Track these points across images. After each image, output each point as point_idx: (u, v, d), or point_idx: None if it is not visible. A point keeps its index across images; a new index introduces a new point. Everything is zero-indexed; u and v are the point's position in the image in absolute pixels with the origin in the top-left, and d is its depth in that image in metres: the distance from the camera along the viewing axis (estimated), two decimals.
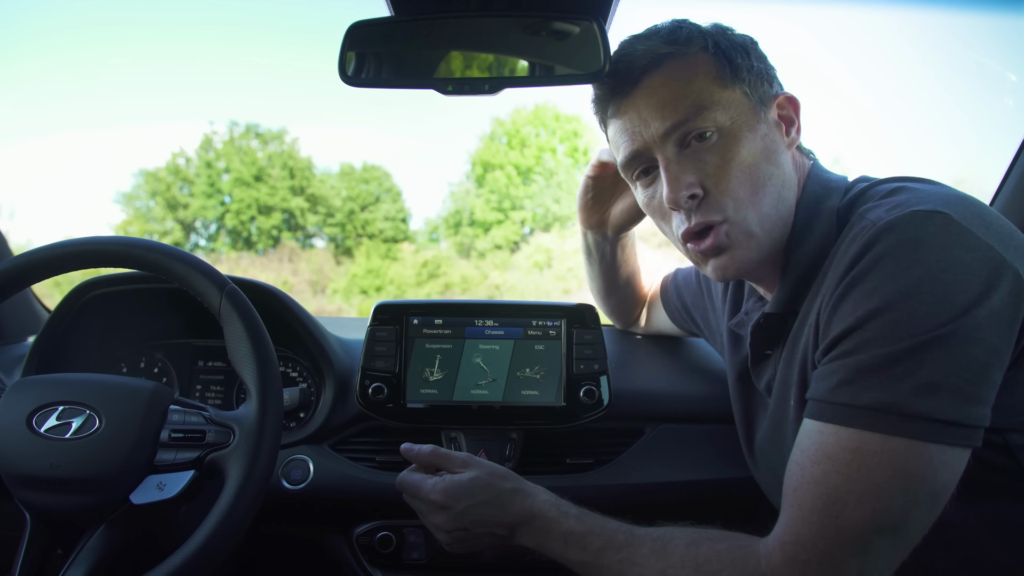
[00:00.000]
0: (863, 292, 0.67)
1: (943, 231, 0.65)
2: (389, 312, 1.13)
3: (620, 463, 1.13)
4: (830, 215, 0.79)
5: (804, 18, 39.35)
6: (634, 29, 0.86)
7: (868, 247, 0.68)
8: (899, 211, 0.68)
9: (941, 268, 0.64)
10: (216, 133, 24.06)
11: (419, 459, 0.94)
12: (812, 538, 0.66)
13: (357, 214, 23.87)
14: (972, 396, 0.63)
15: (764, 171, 0.79)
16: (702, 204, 0.80)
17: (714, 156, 0.79)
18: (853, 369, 0.66)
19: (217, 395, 1.26)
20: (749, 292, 0.95)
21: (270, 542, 1.19)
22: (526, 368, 1.09)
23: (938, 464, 0.64)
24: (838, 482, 0.65)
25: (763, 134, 0.80)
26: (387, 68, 0.91)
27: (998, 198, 1.36)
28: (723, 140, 0.79)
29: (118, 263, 0.88)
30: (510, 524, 0.85)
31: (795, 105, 0.84)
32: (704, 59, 0.81)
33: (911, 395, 0.63)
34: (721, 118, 0.79)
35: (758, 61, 0.83)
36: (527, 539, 0.85)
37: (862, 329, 0.66)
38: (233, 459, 0.80)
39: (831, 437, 0.67)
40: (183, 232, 23.53)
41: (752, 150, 0.79)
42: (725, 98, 0.79)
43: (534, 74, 0.91)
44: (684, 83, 0.79)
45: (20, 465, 0.79)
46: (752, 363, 0.90)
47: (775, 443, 0.85)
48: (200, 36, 42.02)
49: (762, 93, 0.82)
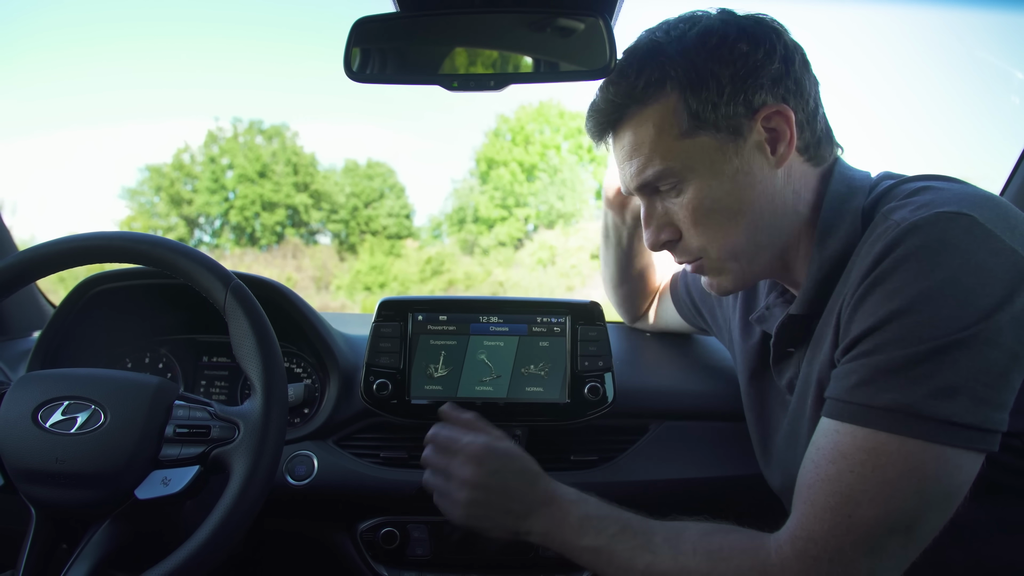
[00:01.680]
0: (885, 293, 0.67)
1: (968, 234, 0.65)
2: (394, 308, 1.13)
3: (624, 460, 1.13)
4: (855, 215, 0.78)
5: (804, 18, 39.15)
6: (639, 26, 0.85)
7: (892, 248, 0.67)
8: (924, 212, 0.68)
9: (964, 271, 0.64)
10: (221, 129, 24.11)
11: (459, 421, 0.97)
12: (824, 535, 0.66)
13: (361, 210, 23.88)
14: (990, 400, 0.63)
15: (734, 208, 0.80)
16: (678, 246, 0.86)
17: (680, 207, 0.82)
18: (872, 369, 0.66)
19: (222, 391, 1.26)
20: (771, 287, 0.94)
21: (274, 538, 1.19)
22: (530, 365, 1.09)
23: (953, 467, 0.64)
24: (852, 481, 0.65)
25: (735, 169, 0.79)
26: (392, 64, 0.91)
27: (1004, 196, 1.35)
28: (688, 189, 0.81)
29: (123, 259, 0.88)
30: (531, 502, 0.86)
31: (786, 116, 0.79)
32: (663, 108, 0.79)
33: (929, 398, 0.63)
34: (683, 171, 0.80)
35: (738, 82, 0.78)
36: (541, 523, 0.85)
37: (883, 330, 0.66)
38: (238, 455, 0.80)
39: (847, 436, 0.67)
40: (187, 228, 23.58)
41: (718, 193, 0.80)
42: (683, 149, 0.79)
43: (539, 70, 0.91)
44: (644, 142, 0.81)
45: (25, 460, 0.79)
46: (775, 360, 0.90)
47: (791, 442, 0.84)
48: (205, 33, 42.08)
49: (736, 124, 0.78)
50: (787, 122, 0.79)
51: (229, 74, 42.09)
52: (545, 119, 24.43)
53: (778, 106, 0.78)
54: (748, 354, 0.98)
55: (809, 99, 0.81)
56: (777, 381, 0.91)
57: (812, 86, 0.82)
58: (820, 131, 0.83)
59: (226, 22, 43.85)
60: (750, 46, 0.78)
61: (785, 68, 0.79)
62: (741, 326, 1.00)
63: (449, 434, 0.93)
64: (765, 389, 0.95)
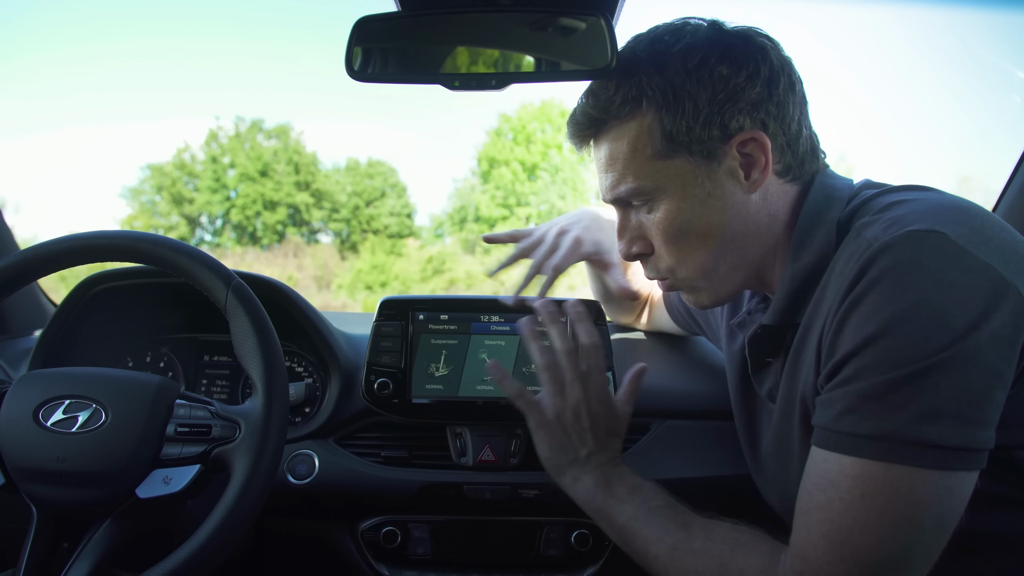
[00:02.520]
0: (861, 317, 0.65)
1: (939, 252, 0.64)
2: (395, 307, 1.13)
3: (626, 460, 1.12)
4: (830, 227, 0.77)
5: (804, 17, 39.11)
6: (641, 24, 0.85)
7: (864, 270, 0.66)
8: (895, 230, 0.66)
9: (938, 291, 0.62)
10: (222, 128, 24.14)
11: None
12: (819, 562, 0.66)
13: (362, 209, 23.91)
14: (976, 420, 0.62)
15: (704, 231, 0.79)
16: (649, 260, 0.86)
17: (652, 224, 0.82)
18: (854, 397, 0.65)
19: (223, 390, 1.26)
20: (753, 292, 0.94)
21: (275, 537, 1.19)
22: (532, 364, 1.09)
23: (943, 490, 0.63)
24: (842, 509, 0.65)
25: (707, 193, 0.78)
26: (394, 63, 0.91)
27: (1004, 196, 1.35)
28: (659, 208, 0.80)
29: (124, 257, 0.88)
30: (603, 446, 0.90)
31: (762, 143, 0.77)
32: (641, 128, 0.78)
33: (913, 423, 0.62)
34: (654, 191, 0.80)
35: (715, 105, 0.76)
36: (599, 471, 0.88)
37: (860, 355, 0.65)
38: (239, 454, 0.80)
39: (834, 465, 0.66)
40: (188, 227, 23.63)
41: (688, 215, 0.79)
42: (659, 169, 0.79)
43: (541, 70, 0.91)
44: (618, 158, 0.81)
45: (27, 458, 0.79)
46: (753, 370, 0.89)
47: (780, 458, 0.84)
48: (207, 32, 42.12)
49: (710, 149, 0.77)
50: (762, 149, 0.77)
51: (230, 72, 42.20)
52: (547, 118, 24.45)
53: (754, 132, 0.77)
54: (733, 359, 0.97)
55: (792, 122, 0.79)
56: (758, 391, 0.91)
57: (797, 107, 0.79)
58: (803, 152, 0.80)
59: (226, 20, 43.93)
60: (731, 69, 0.76)
61: (767, 92, 0.77)
62: (727, 331, 1.00)
63: (583, 348, 0.94)
64: (750, 395, 0.95)
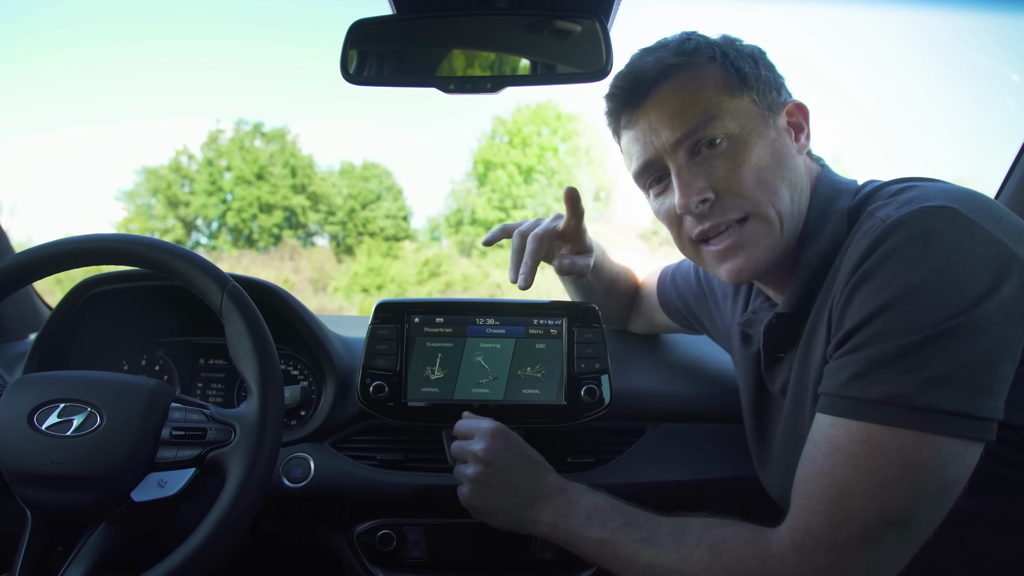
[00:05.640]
0: (873, 287, 0.67)
1: (952, 225, 0.66)
2: (390, 310, 1.13)
3: (621, 462, 1.13)
4: (841, 215, 0.80)
5: (804, 18, 39.26)
6: (635, 28, 0.86)
7: (878, 243, 0.68)
8: (909, 208, 0.69)
9: (951, 262, 0.64)
10: (222, 131, 24.09)
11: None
12: (820, 528, 0.67)
13: (358, 212, 23.86)
14: (983, 387, 0.63)
15: (775, 173, 0.81)
16: (714, 207, 0.82)
17: (725, 162, 0.81)
18: (863, 363, 0.67)
19: (218, 393, 1.26)
20: (756, 292, 0.95)
21: (271, 540, 1.19)
22: (527, 367, 1.09)
23: (948, 456, 0.64)
24: (847, 474, 0.66)
25: (772, 139, 0.82)
26: (389, 66, 0.91)
27: (1000, 198, 1.36)
28: (733, 146, 0.81)
29: (120, 261, 0.88)
30: (538, 490, 0.90)
31: (804, 112, 0.86)
32: (712, 69, 0.82)
33: (921, 387, 0.63)
34: (730, 125, 0.81)
35: (766, 70, 0.84)
36: (548, 512, 0.88)
37: (872, 323, 0.67)
38: (234, 457, 0.80)
39: (841, 430, 0.68)
40: (184, 230, 23.54)
41: (762, 154, 0.81)
42: (734, 106, 0.81)
43: (536, 73, 0.91)
44: (693, 93, 0.81)
45: (21, 462, 0.79)
46: (765, 367, 0.90)
47: (790, 444, 0.85)
48: (203, 33, 42.06)
49: (771, 101, 0.83)
50: (805, 118, 0.86)
51: (226, 73, 42.11)
52: (543, 121, 24.45)
53: (797, 101, 0.86)
54: (747, 364, 0.98)
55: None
56: (771, 388, 0.91)
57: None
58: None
59: (222, 22, 43.87)
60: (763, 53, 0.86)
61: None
62: (739, 334, 1.00)
63: (473, 420, 1.00)
64: (762, 395, 0.96)
